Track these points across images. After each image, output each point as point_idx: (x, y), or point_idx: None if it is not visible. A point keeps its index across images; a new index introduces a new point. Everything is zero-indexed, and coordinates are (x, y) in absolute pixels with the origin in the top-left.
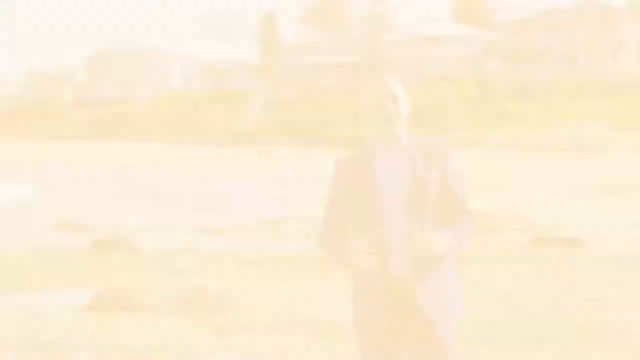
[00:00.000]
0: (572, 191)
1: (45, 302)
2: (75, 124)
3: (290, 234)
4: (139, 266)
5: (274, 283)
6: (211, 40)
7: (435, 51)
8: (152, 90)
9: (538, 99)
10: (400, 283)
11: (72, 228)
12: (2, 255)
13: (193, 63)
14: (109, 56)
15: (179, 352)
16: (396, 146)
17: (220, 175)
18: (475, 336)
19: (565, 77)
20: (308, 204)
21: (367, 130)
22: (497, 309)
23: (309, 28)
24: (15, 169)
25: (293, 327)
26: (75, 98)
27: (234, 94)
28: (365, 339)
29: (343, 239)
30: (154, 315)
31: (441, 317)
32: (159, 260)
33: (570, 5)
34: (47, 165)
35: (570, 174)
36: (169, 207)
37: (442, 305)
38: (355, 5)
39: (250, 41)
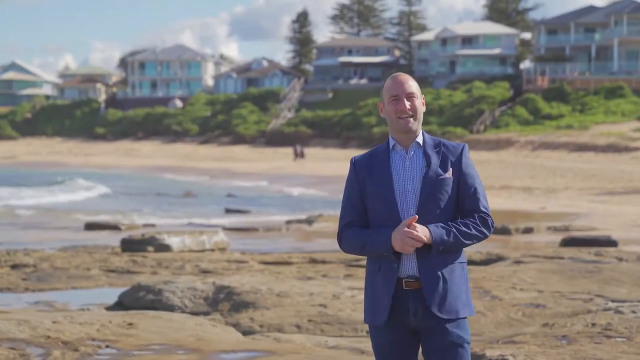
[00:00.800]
0: (606, 191)
1: (73, 300)
2: (109, 124)
3: (320, 233)
4: (167, 265)
5: (301, 282)
6: (244, 41)
7: (468, 51)
8: (186, 90)
9: (572, 99)
10: (409, 282)
11: (101, 227)
12: (37, 255)
13: (226, 63)
14: (142, 57)
15: (203, 350)
16: (412, 144)
17: (253, 175)
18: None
19: (600, 77)
20: (338, 203)
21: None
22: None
23: (341, 28)
24: (52, 169)
25: (319, 325)
26: (109, 98)
27: (266, 94)
28: (376, 338)
29: (367, 231)
30: (180, 313)
31: (452, 315)
32: (187, 260)
33: (605, 5)
34: (81, 164)
35: (605, 174)
36: (201, 206)
37: (451, 304)
38: (387, 5)
39: (282, 42)
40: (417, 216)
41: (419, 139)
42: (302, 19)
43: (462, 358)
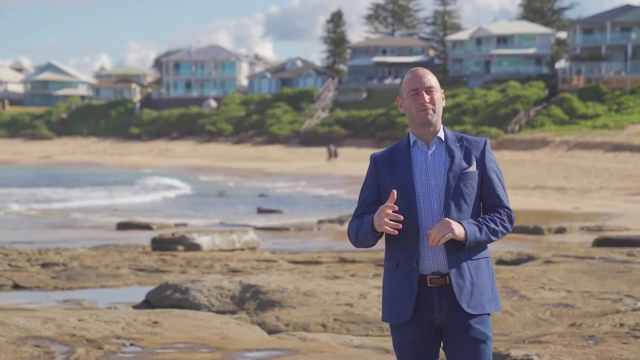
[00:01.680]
0: None
1: (101, 299)
2: (143, 124)
3: None
4: (196, 264)
5: (328, 281)
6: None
7: (503, 50)
8: (220, 90)
9: (608, 98)
10: (434, 279)
11: (132, 227)
12: (67, 254)
13: (260, 64)
14: (177, 57)
15: (227, 348)
16: (433, 139)
17: (286, 175)
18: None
19: (636, 76)
20: None
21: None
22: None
23: (375, 28)
24: (84, 169)
25: (345, 325)
26: (144, 99)
27: (300, 94)
28: (398, 336)
29: (359, 219)
30: (207, 312)
31: (478, 310)
32: (216, 259)
33: None
34: (116, 164)
35: None
36: (233, 206)
37: (477, 300)
38: (421, 4)
39: (317, 42)
40: (395, 191)
41: (441, 134)
42: (337, 18)
43: (484, 354)
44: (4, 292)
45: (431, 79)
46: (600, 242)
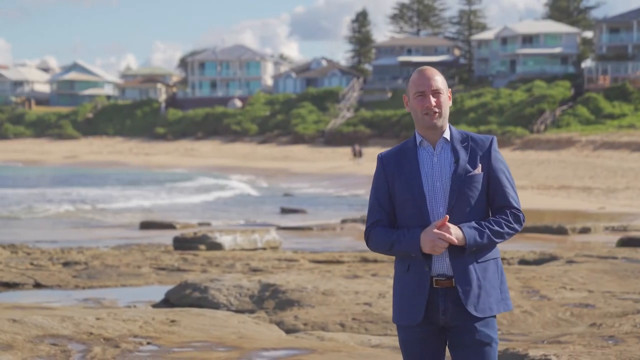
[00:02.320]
0: None
1: (121, 297)
2: (169, 124)
3: None
4: (217, 264)
5: (347, 280)
6: (304, 41)
7: (529, 50)
8: (245, 90)
9: (635, 98)
10: (439, 281)
11: (156, 226)
12: (89, 252)
13: (285, 63)
14: (202, 57)
15: (244, 347)
16: (439, 139)
17: (311, 175)
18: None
19: None
20: None
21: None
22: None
23: (400, 28)
24: (110, 168)
25: (364, 324)
26: (169, 98)
27: (325, 94)
28: (405, 337)
29: (395, 231)
30: (225, 311)
31: (485, 313)
32: (237, 258)
33: None
34: (141, 164)
35: None
36: (257, 205)
37: (484, 302)
38: (447, 4)
39: (342, 42)
40: (447, 216)
41: (446, 134)
42: (362, 18)
43: (489, 357)
44: (25, 291)
45: (438, 80)
46: (625, 242)
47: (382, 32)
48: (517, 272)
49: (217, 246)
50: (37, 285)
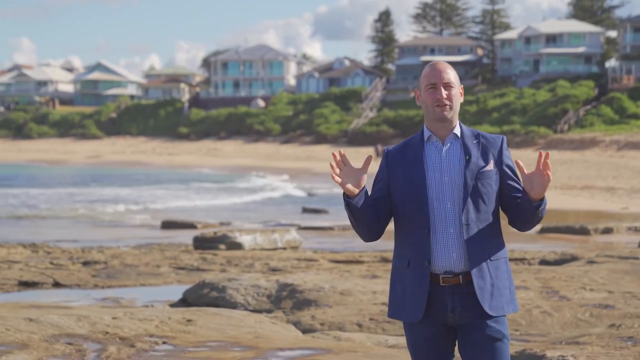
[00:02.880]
0: None
1: (140, 297)
2: (192, 124)
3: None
4: (237, 263)
5: (365, 280)
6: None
7: (552, 49)
8: (268, 90)
9: None
10: (447, 278)
11: (177, 226)
12: (109, 252)
13: (308, 63)
14: (225, 57)
15: (260, 347)
16: (449, 135)
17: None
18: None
19: None
20: None
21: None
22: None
23: (423, 27)
24: (131, 168)
25: (381, 324)
26: (192, 98)
27: (348, 94)
28: (412, 336)
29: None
30: (241, 311)
31: (498, 312)
32: (257, 258)
33: None
34: (161, 163)
35: None
36: (279, 205)
37: (497, 301)
38: (470, 3)
39: (365, 41)
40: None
41: (457, 130)
42: (385, 18)
43: (501, 353)
44: (44, 290)
45: (450, 74)
46: None
47: (405, 32)
48: (537, 272)
49: (237, 246)
50: (56, 285)
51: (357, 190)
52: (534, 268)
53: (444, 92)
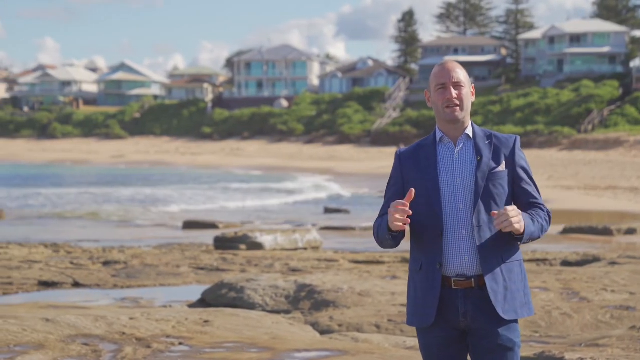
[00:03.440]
0: None
1: (159, 297)
2: (215, 124)
3: None
4: (257, 263)
5: (384, 281)
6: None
7: (577, 49)
8: (291, 90)
9: None
10: (459, 282)
11: (198, 226)
12: (130, 252)
13: (332, 63)
14: (248, 57)
15: (276, 348)
16: (461, 135)
17: (356, 175)
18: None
19: None
20: None
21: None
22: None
23: (447, 27)
24: (158, 167)
25: (399, 326)
26: (215, 98)
27: (371, 94)
28: (424, 340)
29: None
30: (258, 312)
31: (511, 315)
32: (277, 258)
33: None
34: (185, 163)
35: None
36: (301, 205)
37: (510, 304)
38: (494, 3)
39: (389, 41)
40: (413, 190)
41: (469, 131)
42: (408, 18)
43: None
44: (63, 290)
45: (460, 73)
46: None
47: (429, 32)
48: (558, 273)
49: (258, 246)
50: (76, 285)
51: (407, 225)
52: (555, 269)
53: (454, 92)
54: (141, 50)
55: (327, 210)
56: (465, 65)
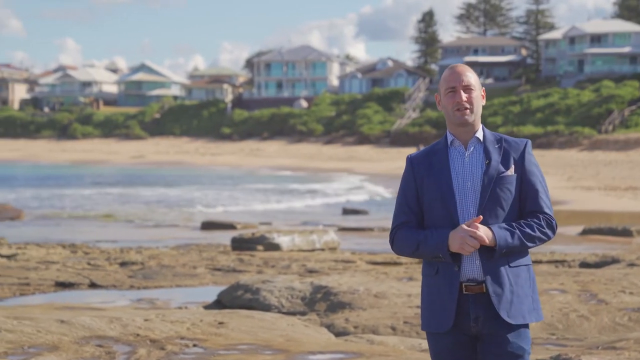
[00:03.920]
0: None
1: (175, 298)
2: (235, 124)
3: None
4: (273, 264)
5: (400, 283)
6: (371, 41)
7: (597, 49)
8: (311, 90)
9: None
10: (469, 286)
11: (216, 226)
12: (147, 252)
13: (351, 64)
14: (268, 58)
15: (290, 351)
16: (471, 139)
17: (375, 175)
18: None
19: None
20: None
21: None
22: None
23: (467, 28)
24: (178, 168)
25: (415, 328)
26: (235, 99)
27: (391, 94)
28: (436, 346)
29: (422, 231)
30: (273, 313)
31: (518, 320)
32: (294, 259)
33: None
34: (206, 163)
35: None
36: (320, 206)
37: (517, 309)
38: (514, 4)
39: (409, 42)
40: (481, 217)
41: (479, 134)
42: (428, 18)
43: None
44: (79, 291)
45: (470, 77)
46: None
47: (449, 32)
48: (575, 275)
49: (275, 247)
50: (92, 285)
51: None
52: (573, 271)
53: (464, 96)
54: (161, 51)
55: (345, 212)
56: (485, 65)
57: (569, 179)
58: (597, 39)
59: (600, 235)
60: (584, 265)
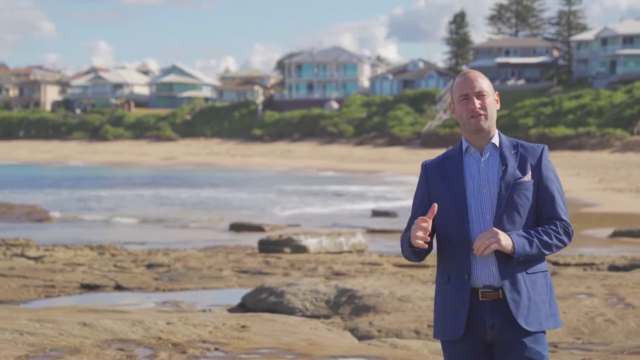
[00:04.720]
0: None
1: (200, 301)
2: (265, 125)
3: None
4: (300, 267)
5: (425, 286)
6: (403, 42)
7: (630, 50)
8: (342, 92)
9: None
10: (486, 293)
11: (245, 228)
12: (174, 255)
13: (382, 65)
14: (299, 59)
15: (312, 355)
16: (487, 145)
17: (406, 177)
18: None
19: None
20: None
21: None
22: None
23: (498, 29)
24: (209, 170)
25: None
26: (266, 100)
27: (422, 96)
28: (450, 354)
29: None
30: (296, 317)
31: (535, 327)
32: (321, 262)
33: None
34: (236, 164)
35: None
36: (348, 207)
37: (534, 315)
38: (546, 5)
39: (441, 43)
40: (435, 205)
41: (495, 140)
42: (459, 20)
43: None
44: (105, 293)
45: (482, 83)
46: None
47: (480, 34)
48: (603, 278)
49: (302, 249)
50: (118, 288)
51: (428, 242)
52: (601, 274)
53: (477, 102)
54: (193, 53)
55: (375, 214)
56: (517, 67)
57: (600, 180)
58: (629, 39)
59: (630, 237)
60: (613, 268)
